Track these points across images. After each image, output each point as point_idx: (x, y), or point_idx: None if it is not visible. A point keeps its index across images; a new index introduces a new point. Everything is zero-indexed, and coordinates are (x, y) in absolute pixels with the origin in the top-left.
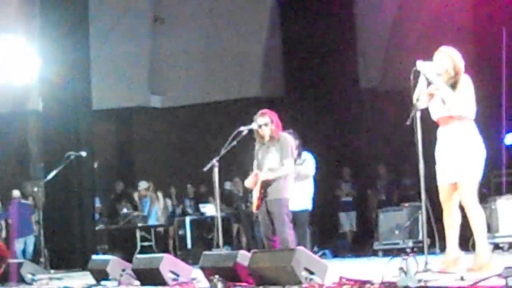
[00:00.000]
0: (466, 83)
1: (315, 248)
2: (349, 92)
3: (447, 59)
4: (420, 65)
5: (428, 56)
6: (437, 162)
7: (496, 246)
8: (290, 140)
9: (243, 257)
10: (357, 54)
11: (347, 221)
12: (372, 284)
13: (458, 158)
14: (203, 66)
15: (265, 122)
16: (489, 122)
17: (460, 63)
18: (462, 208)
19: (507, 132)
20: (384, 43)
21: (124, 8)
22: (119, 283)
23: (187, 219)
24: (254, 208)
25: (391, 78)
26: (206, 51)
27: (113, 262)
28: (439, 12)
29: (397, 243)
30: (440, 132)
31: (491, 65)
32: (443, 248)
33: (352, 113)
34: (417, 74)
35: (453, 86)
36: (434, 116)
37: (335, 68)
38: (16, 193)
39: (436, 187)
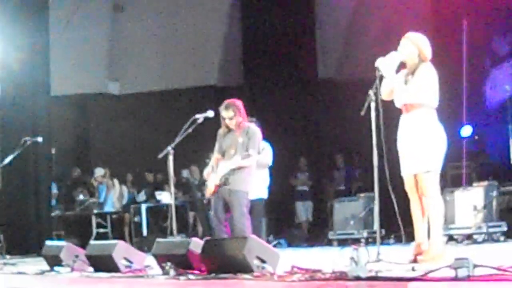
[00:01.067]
0: (428, 71)
1: (271, 237)
2: (307, 82)
3: (412, 46)
4: (379, 62)
5: (387, 47)
6: (399, 152)
7: (451, 238)
8: (258, 132)
9: (196, 244)
10: (316, 43)
11: (303, 211)
12: (323, 273)
13: (418, 148)
14: (161, 53)
15: (229, 116)
16: (447, 114)
17: (427, 50)
18: None
19: (465, 124)
20: (343, 33)
21: None
22: (72, 269)
23: (143, 206)
24: (208, 192)
25: (350, 68)
26: (164, 38)
27: (66, 248)
28: (399, 2)
29: (352, 233)
30: (402, 120)
31: (451, 57)
32: (398, 239)
33: (310, 103)
34: (379, 70)
35: (413, 73)
36: (397, 104)
37: (294, 58)
38: None
39: (397, 176)
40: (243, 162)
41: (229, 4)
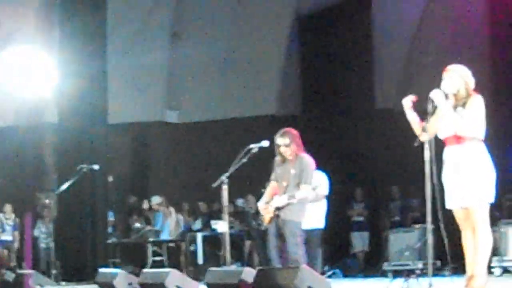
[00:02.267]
0: (478, 103)
1: (326, 267)
2: (365, 111)
3: (458, 79)
4: (434, 93)
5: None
6: (446, 185)
7: (505, 270)
8: (311, 164)
9: (248, 274)
10: (374, 73)
11: (359, 241)
12: None
13: (468, 181)
14: (220, 82)
15: (284, 143)
16: (503, 144)
17: (471, 82)
18: None
19: None
20: (402, 62)
21: (143, 21)
22: None
23: (199, 235)
24: (265, 221)
25: None
26: (223, 67)
27: (120, 275)
28: (458, 31)
29: (407, 264)
30: (447, 152)
31: (507, 86)
32: (454, 271)
33: (366, 133)
34: (433, 102)
35: (464, 106)
36: (442, 135)
37: (352, 87)
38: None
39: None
40: (292, 200)
41: (287, 32)
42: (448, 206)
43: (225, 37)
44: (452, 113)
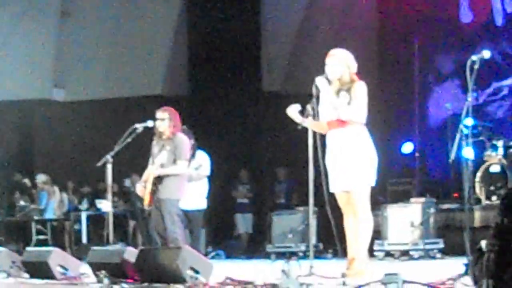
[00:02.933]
0: (360, 89)
1: (209, 248)
2: (252, 94)
3: (341, 64)
4: (318, 79)
5: None
6: (328, 169)
7: (387, 254)
8: (185, 141)
9: (130, 253)
10: (261, 56)
11: (243, 223)
12: (254, 285)
13: (348, 165)
14: (107, 61)
15: (162, 117)
16: (389, 130)
17: (353, 66)
18: None
19: (405, 141)
20: (289, 46)
21: (30, 0)
22: (8, 275)
23: (83, 214)
24: (145, 203)
25: (295, 82)
26: (111, 46)
27: (3, 254)
28: (347, 17)
29: (290, 247)
30: (330, 136)
31: (396, 73)
32: (336, 254)
33: (254, 116)
34: (318, 86)
35: (348, 91)
36: (324, 119)
37: (239, 69)
38: None
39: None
40: (167, 170)
41: (176, 14)
42: (331, 189)
43: (113, 16)
44: (334, 98)
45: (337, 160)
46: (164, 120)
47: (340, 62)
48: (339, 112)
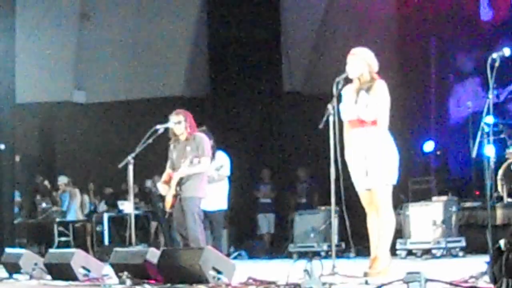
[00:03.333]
0: (381, 89)
1: (231, 249)
2: (273, 94)
3: (361, 62)
4: (339, 78)
5: None
6: (350, 168)
7: (409, 252)
8: (205, 138)
9: (153, 254)
10: (282, 56)
11: (265, 223)
12: (277, 285)
13: (371, 164)
14: (127, 63)
15: (178, 120)
16: (411, 129)
17: (374, 65)
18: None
19: (427, 139)
20: (309, 46)
21: (51, 1)
22: (31, 277)
23: (105, 216)
24: (167, 206)
25: (315, 82)
26: (131, 48)
27: (26, 255)
28: (366, 17)
29: (312, 246)
30: (351, 135)
31: (417, 73)
32: (359, 252)
33: (275, 115)
34: (338, 85)
35: (368, 90)
36: (345, 118)
37: (260, 70)
38: None
39: (355, 190)
40: (192, 169)
41: (196, 15)
42: (356, 188)
43: (133, 18)
44: (354, 99)
45: (359, 159)
46: (180, 123)
47: (361, 61)
48: (359, 112)
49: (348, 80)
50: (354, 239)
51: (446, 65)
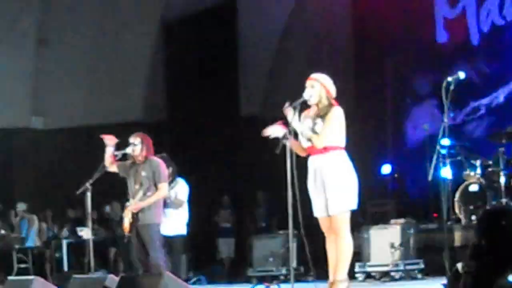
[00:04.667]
0: (336, 115)
1: (191, 274)
2: (230, 118)
3: (320, 88)
4: (286, 110)
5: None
6: (310, 194)
7: (368, 275)
8: (161, 163)
9: (112, 281)
10: (239, 80)
11: (225, 247)
12: None
13: (330, 189)
14: (86, 88)
15: (134, 142)
16: (367, 152)
17: (332, 91)
18: None
19: (384, 162)
20: (266, 71)
21: (8, 27)
22: None
23: (64, 242)
24: (126, 230)
25: (272, 106)
26: (89, 73)
27: None
28: (323, 40)
29: (271, 270)
30: (311, 161)
31: (373, 94)
32: (318, 275)
33: (232, 140)
34: (295, 110)
35: (323, 116)
36: (303, 144)
37: (217, 95)
38: None
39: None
40: (149, 200)
41: (154, 39)
42: (315, 214)
43: (90, 43)
44: (304, 129)
45: (317, 185)
46: (137, 145)
47: (320, 87)
48: (313, 141)
49: (303, 105)
50: (313, 262)
51: (402, 88)
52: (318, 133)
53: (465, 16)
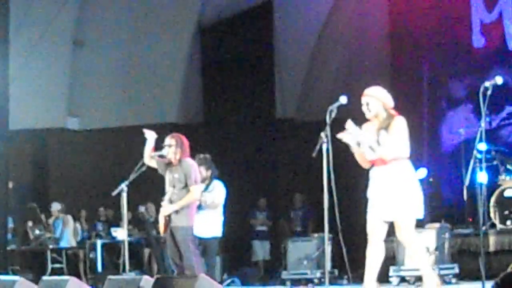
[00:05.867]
0: (399, 125)
1: (225, 276)
2: (265, 121)
3: (376, 102)
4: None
5: (345, 89)
6: (371, 200)
7: (402, 279)
8: (194, 165)
9: (147, 282)
10: (275, 83)
11: (261, 250)
12: None
13: (397, 197)
14: (121, 89)
15: (170, 143)
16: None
17: (389, 102)
18: None
19: (419, 166)
20: (302, 73)
21: (45, 27)
22: None
23: (98, 243)
24: (161, 230)
25: (308, 108)
26: (125, 74)
27: (19, 283)
28: (359, 45)
29: (305, 273)
30: (375, 171)
31: (409, 98)
32: (353, 279)
33: (268, 142)
34: (332, 113)
35: (387, 128)
36: (368, 157)
37: (253, 97)
38: None
39: (350, 217)
40: (181, 203)
41: (189, 41)
42: (370, 219)
43: (127, 44)
44: (371, 142)
45: (382, 194)
46: (171, 147)
47: (375, 101)
48: (380, 153)
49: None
50: (348, 266)
51: (438, 92)
52: (382, 145)
53: (502, 21)
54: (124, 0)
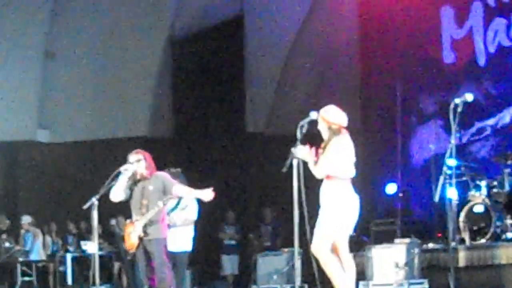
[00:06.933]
0: (334, 145)
1: None
2: (236, 135)
3: (321, 122)
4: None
5: (316, 104)
6: None
7: None
8: (167, 175)
9: None
10: (245, 97)
11: (229, 264)
12: None
13: (320, 216)
14: (92, 102)
15: (138, 158)
16: (372, 171)
17: (335, 120)
18: None
19: (389, 181)
20: (272, 87)
21: (15, 40)
22: None
23: (69, 256)
24: (132, 247)
25: (278, 123)
26: (96, 88)
27: None
28: (329, 58)
29: None
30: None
31: (379, 113)
32: None
33: (238, 156)
34: (302, 129)
35: (325, 147)
36: None
37: (224, 111)
38: None
39: None
40: (187, 194)
41: (160, 56)
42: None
43: (97, 57)
44: (309, 163)
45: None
46: (140, 161)
47: (321, 121)
48: (313, 172)
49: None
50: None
51: (409, 107)
52: (317, 164)
53: (472, 37)
54: (95, 13)
